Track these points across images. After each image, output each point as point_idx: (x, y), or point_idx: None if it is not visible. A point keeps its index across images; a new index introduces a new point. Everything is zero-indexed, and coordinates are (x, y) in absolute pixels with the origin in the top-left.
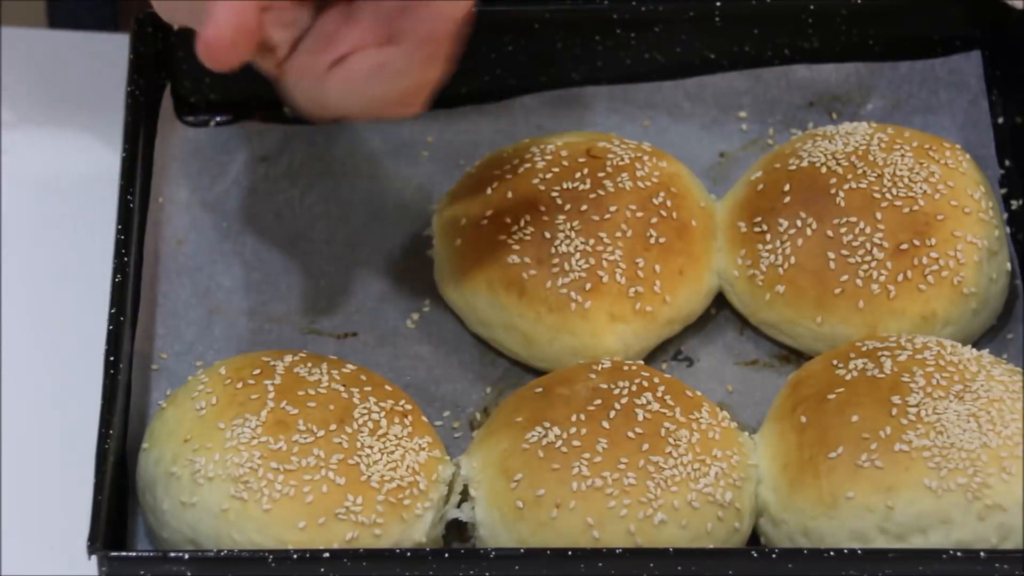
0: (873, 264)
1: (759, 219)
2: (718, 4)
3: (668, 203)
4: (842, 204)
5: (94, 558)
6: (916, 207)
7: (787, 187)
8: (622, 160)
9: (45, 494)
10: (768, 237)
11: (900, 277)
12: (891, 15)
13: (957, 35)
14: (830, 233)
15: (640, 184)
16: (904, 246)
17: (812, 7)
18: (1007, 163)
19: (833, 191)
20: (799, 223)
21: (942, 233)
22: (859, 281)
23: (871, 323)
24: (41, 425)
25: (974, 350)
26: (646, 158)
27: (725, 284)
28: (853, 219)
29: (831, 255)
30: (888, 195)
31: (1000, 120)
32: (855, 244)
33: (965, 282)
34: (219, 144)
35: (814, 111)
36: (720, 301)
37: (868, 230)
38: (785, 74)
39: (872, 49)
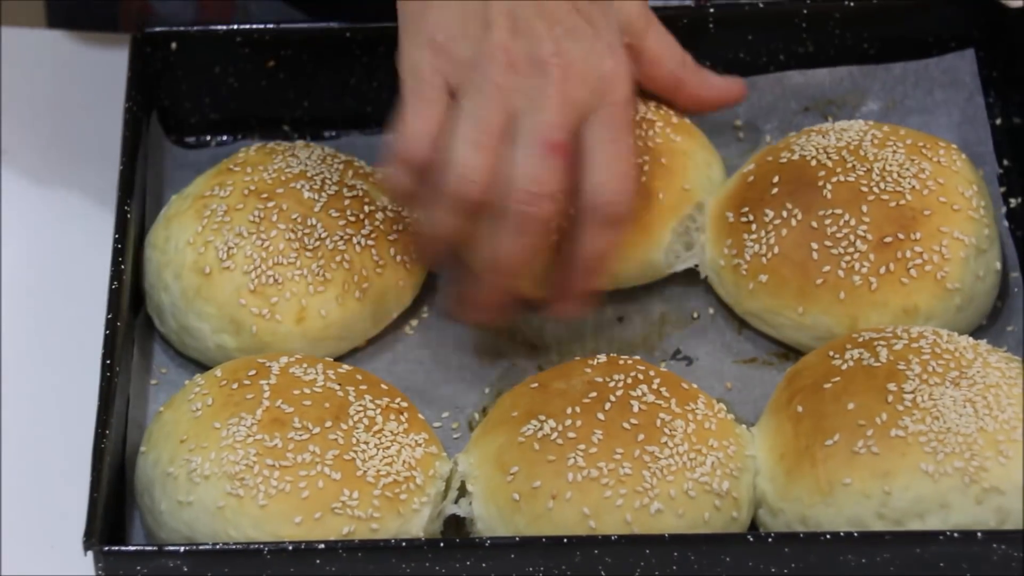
0: (856, 256)
1: (746, 209)
2: (711, 9)
3: (647, 169)
4: (828, 196)
5: (92, 556)
6: (903, 201)
7: (776, 179)
8: (643, 116)
9: (46, 495)
10: (754, 227)
11: (882, 269)
12: (885, 16)
13: (952, 35)
14: (814, 224)
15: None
16: (888, 239)
17: (806, 11)
18: (1005, 162)
19: (820, 183)
20: (784, 213)
21: (927, 228)
22: (841, 272)
23: (852, 314)
24: (42, 427)
25: (971, 339)
26: (661, 125)
27: (712, 274)
28: (838, 211)
29: (814, 246)
30: (875, 189)
31: (998, 121)
32: (839, 236)
33: (949, 277)
34: (219, 162)
35: (810, 116)
36: (719, 301)
37: (853, 222)
38: (779, 80)
39: (867, 51)
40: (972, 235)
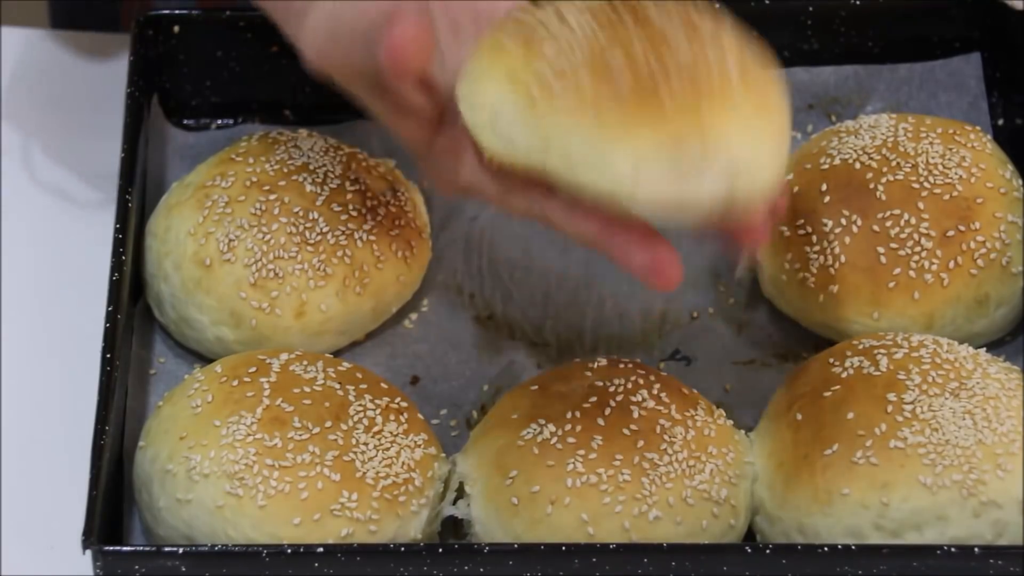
0: (923, 254)
1: (801, 221)
2: (716, 5)
3: None
4: (883, 198)
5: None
6: (955, 193)
7: (824, 187)
8: None
9: (46, 495)
10: (814, 239)
11: (951, 264)
12: (890, 17)
13: (956, 37)
14: (876, 228)
15: None
16: (950, 232)
17: (811, 8)
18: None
19: (872, 185)
20: (843, 221)
21: (984, 216)
22: (912, 272)
23: (928, 312)
24: (42, 425)
25: (971, 348)
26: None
27: (773, 289)
28: (896, 211)
29: (880, 250)
30: (926, 184)
31: (1000, 122)
32: (902, 236)
33: (1013, 262)
34: (220, 148)
35: (813, 114)
36: (718, 301)
37: (913, 220)
38: (783, 77)
39: (871, 50)
40: (1021, 216)
